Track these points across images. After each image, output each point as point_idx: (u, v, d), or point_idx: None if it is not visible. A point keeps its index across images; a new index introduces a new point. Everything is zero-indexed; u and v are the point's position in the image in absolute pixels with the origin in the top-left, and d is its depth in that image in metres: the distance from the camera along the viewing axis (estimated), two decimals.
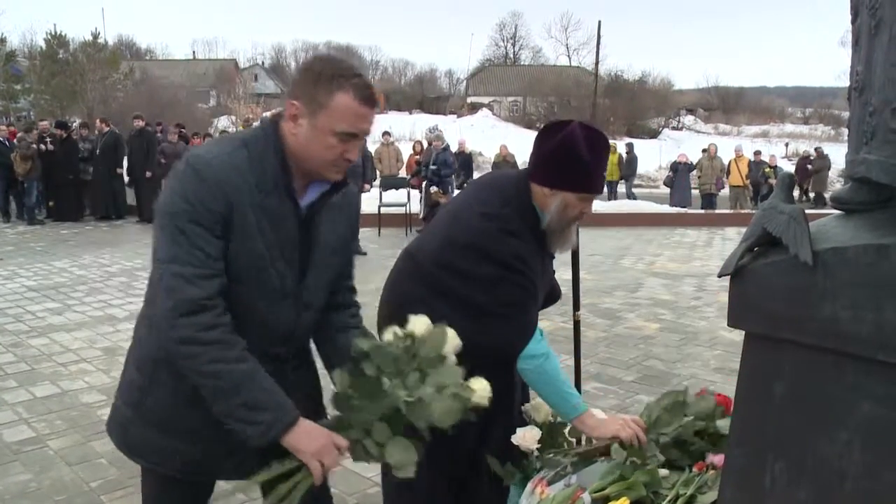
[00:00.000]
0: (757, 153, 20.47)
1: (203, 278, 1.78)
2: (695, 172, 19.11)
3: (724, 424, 2.34)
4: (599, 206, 15.81)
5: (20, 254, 11.24)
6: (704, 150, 19.24)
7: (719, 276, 1.50)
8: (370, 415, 1.83)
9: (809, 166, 22.88)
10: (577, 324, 3.14)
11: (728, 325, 1.50)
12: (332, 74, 1.82)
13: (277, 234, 1.88)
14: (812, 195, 22.71)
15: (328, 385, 2.03)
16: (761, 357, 1.43)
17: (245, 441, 1.84)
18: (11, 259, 10.75)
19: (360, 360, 1.91)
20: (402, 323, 1.98)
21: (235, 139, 1.91)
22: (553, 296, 2.84)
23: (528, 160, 2.51)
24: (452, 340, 1.95)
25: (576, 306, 3.13)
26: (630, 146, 22.29)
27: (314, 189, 1.96)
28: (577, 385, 3.14)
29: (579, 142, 2.32)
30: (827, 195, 19.49)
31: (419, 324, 1.97)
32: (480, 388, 1.90)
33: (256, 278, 1.87)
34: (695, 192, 19.11)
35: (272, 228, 1.86)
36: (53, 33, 33.85)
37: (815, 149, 24.43)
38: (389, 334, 1.97)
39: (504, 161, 20.26)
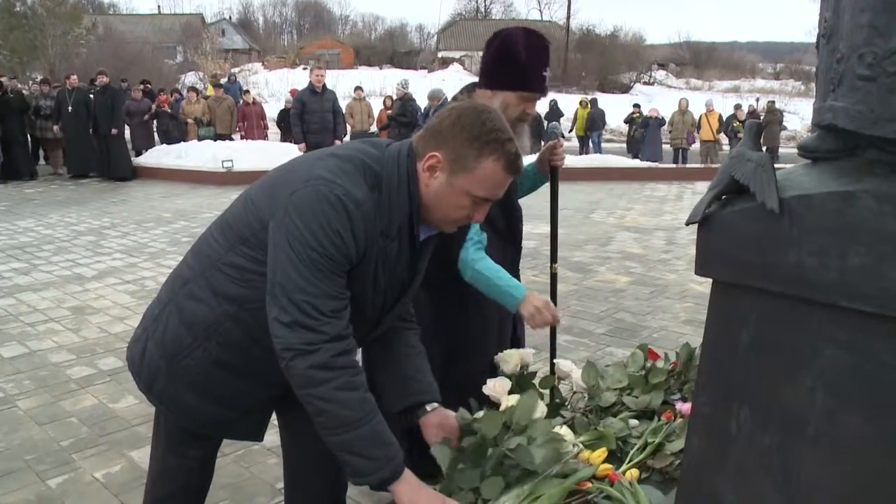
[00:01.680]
0: (737, 107, 20.34)
1: (341, 311, 1.74)
2: (666, 127, 19.16)
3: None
4: (570, 160, 15.81)
5: None
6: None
7: (687, 223, 1.50)
8: (477, 475, 1.83)
9: (737, 122, 20.62)
10: (553, 276, 3.15)
11: (695, 273, 1.51)
12: (488, 138, 1.74)
13: (390, 278, 1.86)
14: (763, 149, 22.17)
15: None
16: (727, 305, 1.44)
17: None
18: None
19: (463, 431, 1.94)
20: None
21: (371, 174, 1.79)
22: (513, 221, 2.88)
23: None
24: (541, 407, 2.00)
25: (553, 259, 3.13)
26: (594, 101, 22.27)
27: (426, 231, 1.92)
28: (553, 339, 3.19)
29: (517, 43, 2.44)
30: (782, 151, 19.43)
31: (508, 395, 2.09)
32: (566, 434, 1.97)
33: (352, 311, 1.80)
34: (666, 146, 19.17)
35: (387, 272, 1.84)
36: None
37: (768, 102, 24.10)
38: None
39: None
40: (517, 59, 2.44)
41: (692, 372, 2.37)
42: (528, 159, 2.56)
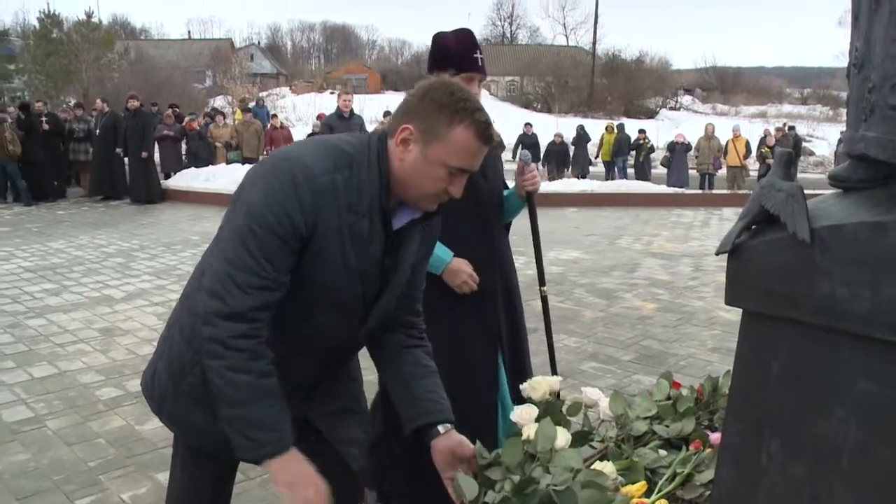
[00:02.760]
0: (766, 132, 20.11)
1: (258, 289, 1.72)
2: (692, 153, 19.08)
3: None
4: (596, 185, 15.79)
5: (16, 234, 11.21)
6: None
7: (717, 253, 1.50)
8: None
9: (766, 147, 19.84)
10: (544, 300, 3.17)
11: (725, 302, 1.50)
12: (457, 107, 1.75)
13: (361, 258, 1.82)
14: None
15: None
16: (758, 335, 1.43)
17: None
18: (8, 240, 10.73)
19: (486, 466, 1.92)
20: None
21: (342, 154, 1.80)
22: None
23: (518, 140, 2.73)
24: (563, 435, 2.00)
25: (541, 282, 3.16)
26: (620, 126, 22.22)
27: (405, 213, 1.90)
28: (553, 360, 3.39)
29: (445, 37, 2.79)
30: (807, 177, 18.99)
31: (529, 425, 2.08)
32: (609, 470, 1.96)
33: (328, 297, 1.83)
34: (692, 172, 19.09)
35: (357, 252, 1.81)
36: (47, 12, 33.57)
37: (784, 125, 23.72)
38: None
39: None
40: (448, 48, 2.75)
41: (721, 401, 2.35)
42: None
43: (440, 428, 1.98)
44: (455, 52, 2.74)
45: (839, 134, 20.93)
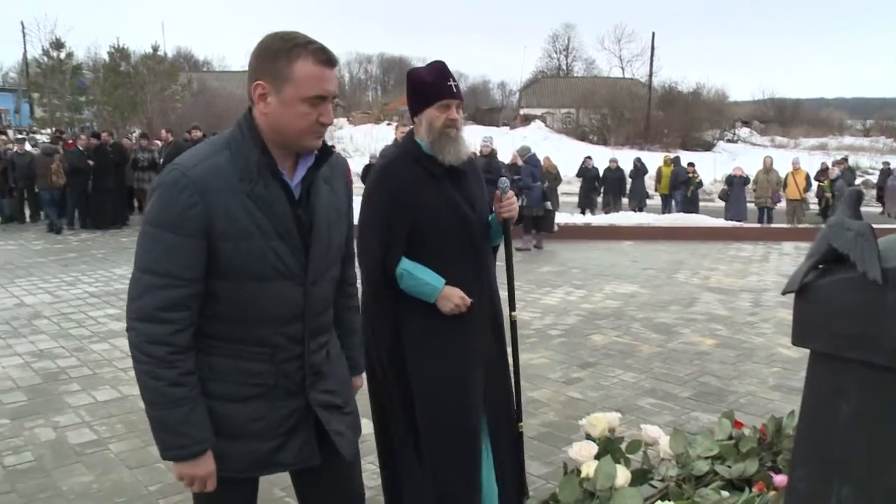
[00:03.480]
0: (824, 164, 19.61)
1: (160, 288, 1.87)
2: (750, 186, 18.79)
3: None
4: (653, 219, 15.65)
5: (82, 260, 11.54)
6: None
7: (784, 293, 1.48)
8: None
9: (824, 181, 19.66)
10: (513, 324, 3.18)
11: (792, 342, 1.48)
12: (289, 47, 1.88)
13: (271, 219, 1.94)
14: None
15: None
16: (826, 376, 1.41)
17: (294, 434, 2.06)
18: (74, 266, 11.04)
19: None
20: None
21: (219, 141, 1.99)
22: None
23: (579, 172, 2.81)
24: (623, 473, 2.03)
25: (511, 307, 3.17)
26: (677, 159, 21.95)
27: (302, 166, 2.03)
28: (517, 388, 3.25)
29: (418, 70, 2.93)
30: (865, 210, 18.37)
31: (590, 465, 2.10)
32: None
33: (257, 265, 1.94)
34: (750, 205, 18.80)
35: (265, 214, 1.93)
36: (116, 46, 34.72)
37: (844, 158, 23.09)
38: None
39: (547, 172, 20.19)
40: (423, 80, 2.86)
41: (785, 442, 2.31)
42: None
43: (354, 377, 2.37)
44: (429, 82, 2.85)
45: None
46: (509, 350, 3.14)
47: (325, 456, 2.15)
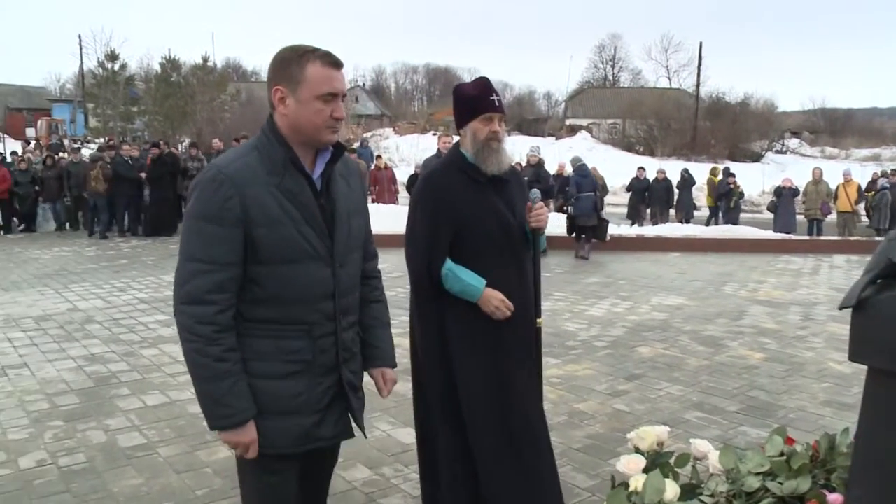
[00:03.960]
0: (876, 175, 19.14)
1: (204, 273, 2.14)
2: (800, 197, 18.48)
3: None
4: (701, 230, 15.47)
5: (133, 267, 11.77)
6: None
7: (840, 308, 1.46)
8: None
9: (870, 192, 19.07)
10: (538, 331, 3.18)
11: (849, 359, 1.46)
12: (300, 54, 2.19)
13: (298, 207, 2.21)
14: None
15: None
16: (885, 394, 1.38)
17: (331, 409, 2.34)
18: (126, 272, 11.27)
19: None
20: None
21: (247, 146, 2.29)
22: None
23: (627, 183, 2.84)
24: (672, 487, 2.03)
25: (537, 314, 3.18)
26: (726, 170, 21.64)
27: (320, 162, 2.32)
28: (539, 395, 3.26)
29: (464, 85, 3.13)
30: None
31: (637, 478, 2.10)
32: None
33: (289, 249, 2.20)
34: (800, 217, 18.48)
35: (292, 203, 2.20)
36: (168, 57, 35.42)
37: (893, 170, 22.32)
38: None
39: None
40: (468, 95, 3.05)
41: (839, 460, 2.26)
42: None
43: (375, 369, 2.56)
44: (474, 96, 3.03)
45: None
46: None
47: None
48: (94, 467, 4.33)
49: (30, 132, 43.81)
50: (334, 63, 2.22)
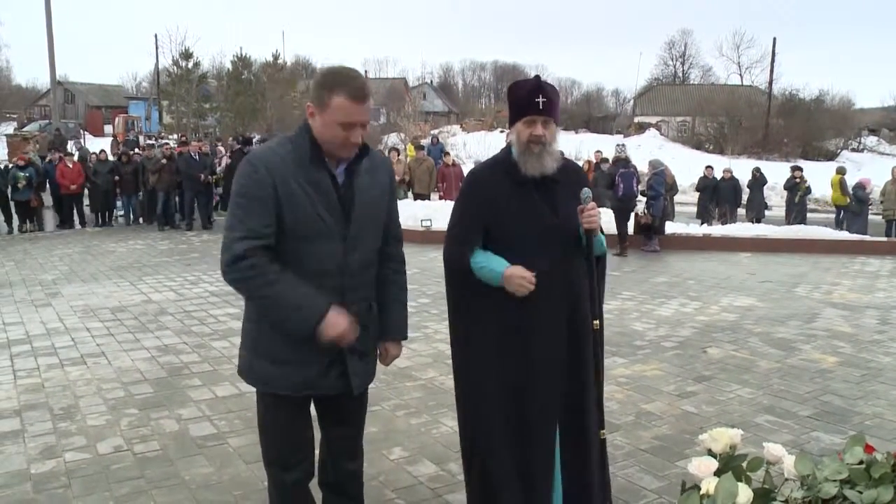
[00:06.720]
0: None
1: (246, 239, 2.51)
2: (878, 197, 17.88)
3: None
4: (772, 230, 15.10)
5: (204, 260, 12.05)
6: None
7: None
8: None
9: None
10: (595, 332, 3.10)
11: None
12: (331, 83, 2.54)
13: (319, 195, 2.59)
14: None
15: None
16: None
17: (332, 366, 2.72)
18: (197, 265, 11.54)
19: None
20: None
21: (285, 139, 2.69)
22: None
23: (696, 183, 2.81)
24: (745, 491, 2.01)
25: (593, 315, 3.09)
26: (796, 167, 21.04)
27: (342, 166, 2.69)
28: (600, 401, 3.19)
29: (515, 84, 3.10)
30: None
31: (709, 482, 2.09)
32: None
33: (308, 225, 2.58)
34: (877, 218, 17.90)
35: (313, 190, 2.59)
36: (239, 55, 36.13)
37: None
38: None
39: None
40: (515, 95, 3.05)
41: None
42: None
43: (381, 342, 2.97)
44: (520, 97, 3.03)
45: None
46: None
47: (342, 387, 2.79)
48: (166, 455, 4.45)
49: (107, 129, 45.22)
50: (357, 98, 2.53)
